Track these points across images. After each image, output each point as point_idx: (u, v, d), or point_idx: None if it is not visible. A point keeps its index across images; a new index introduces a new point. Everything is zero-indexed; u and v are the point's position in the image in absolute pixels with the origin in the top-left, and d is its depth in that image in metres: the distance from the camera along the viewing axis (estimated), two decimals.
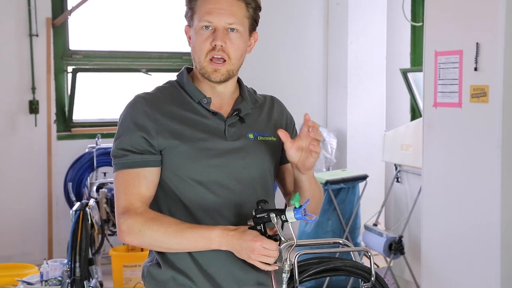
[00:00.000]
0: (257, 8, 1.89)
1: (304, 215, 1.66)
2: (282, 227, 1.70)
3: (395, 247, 4.50)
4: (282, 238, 1.69)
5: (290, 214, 1.67)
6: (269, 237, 1.68)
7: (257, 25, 1.92)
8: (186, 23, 1.91)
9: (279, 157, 1.97)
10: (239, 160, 1.85)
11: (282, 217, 1.67)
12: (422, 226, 4.02)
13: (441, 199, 3.86)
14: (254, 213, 1.70)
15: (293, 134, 2.02)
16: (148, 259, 1.92)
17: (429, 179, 3.95)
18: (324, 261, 1.73)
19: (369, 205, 5.27)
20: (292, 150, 1.78)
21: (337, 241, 1.85)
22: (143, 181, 1.79)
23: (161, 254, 1.83)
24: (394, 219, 5.01)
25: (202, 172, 1.81)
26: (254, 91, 2.03)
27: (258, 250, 1.66)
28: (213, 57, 1.81)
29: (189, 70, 1.96)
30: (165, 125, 1.81)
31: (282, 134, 1.79)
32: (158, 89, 1.92)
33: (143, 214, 1.76)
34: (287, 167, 2.00)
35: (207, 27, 1.81)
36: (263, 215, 1.69)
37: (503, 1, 3.37)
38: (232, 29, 1.82)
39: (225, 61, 1.82)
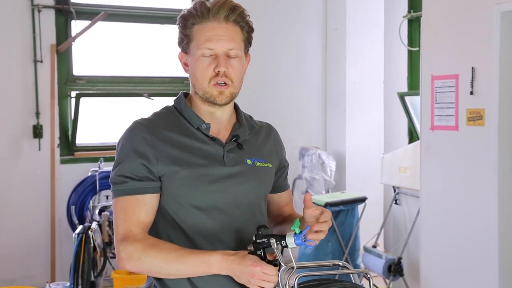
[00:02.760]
0: (250, 30, 1.89)
1: (304, 240, 1.67)
2: (282, 252, 1.70)
3: (394, 269, 4.51)
4: (282, 264, 1.68)
5: (290, 240, 1.68)
6: (269, 262, 1.68)
7: (250, 47, 1.92)
8: (180, 50, 1.92)
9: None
10: (238, 186, 1.84)
11: (282, 243, 1.68)
12: (420, 247, 4.03)
13: (439, 220, 3.89)
14: (254, 238, 1.71)
15: (286, 167, 2.07)
16: (146, 284, 1.90)
17: (427, 201, 3.97)
18: (324, 283, 1.75)
19: (368, 227, 5.28)
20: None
21: (337, 263, 1.85)
22: (143, 207, 1.77)
23: (158, 279, 1.81)
24: (393, 241, 5.03)
25: (201, 197, 1.80)
26: (250, 117, 2.04)
27: (258, 275, 1.66)
28: (217, 82, 1.81)
29: (186, 94, 1.95)
30: (164, 152, 1.79)
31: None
32: (156, 115, 1.90)
33: (142, 240, 1.74)
34: (274, 197, 2.04)
35: (207, 54, 1.82)
36: (263, 240, 1.69)
37: (497, 26, 3.42)
38: (232, 54, 1.83)
39: (228, 85, 1.83)
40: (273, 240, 1.68)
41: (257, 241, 1.69)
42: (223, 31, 1.81)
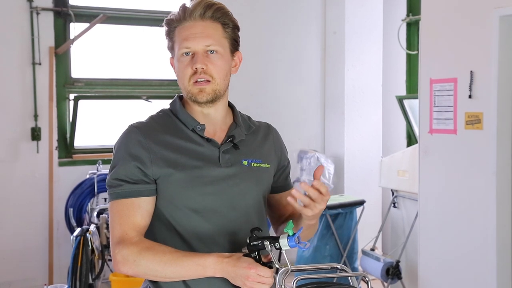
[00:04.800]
0: (235, 28, 1.89)
1: (298, 242, 1.67)
2: (279, 255, 1.71)
3: (392, 272, 4.52)
4: (277, 266, 1.69)
5: (283, 242, 1.68)
6: (264, 264, 1.68)
7: (238, 45, 1.92)
8: (170, 55, 1.94)
9: (271, 184, 1.99)
10: (234, 187, 1.84)
11: (276, 245, 1.69)
12: (419, 250, 4.04)
13: (437, 224, 3.89)
14: (248, 241, 1.71)
15: (286, 167, 2.05)
16: (142, 286, 1.90)
17: (425, 204, 3.98)
18: (322, 286, 1.74)
19: (367, 230, 5.29)
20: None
21: (335, 266, 1.85)
22: (138, 210, 1.78)
23: (154, 282, 1.81)
24: (391, 244, 5.03)
25: (197, 200, 1.80)
26: (249, 117, 2.03)
27: (253, 277, 1.65)
28: (197, 80, 1.81)
29: (181, 97, 1.96)
30: (159, 154, 1.80)
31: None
32: (152, 118, 1.91)
33: (138, 243, 1.74)
34: (276, 198, 2.02)
35: (186, 53, 1.83)
36: (257, 242, 1.69)
37: (496, 30, 3.43)
38: (211, 51, 1.82)
39: (209, 81, 1.82)
40: (267, 242, 1.68)
41: (251, 243, 1.70)
42: (200, 29, 1.82)
